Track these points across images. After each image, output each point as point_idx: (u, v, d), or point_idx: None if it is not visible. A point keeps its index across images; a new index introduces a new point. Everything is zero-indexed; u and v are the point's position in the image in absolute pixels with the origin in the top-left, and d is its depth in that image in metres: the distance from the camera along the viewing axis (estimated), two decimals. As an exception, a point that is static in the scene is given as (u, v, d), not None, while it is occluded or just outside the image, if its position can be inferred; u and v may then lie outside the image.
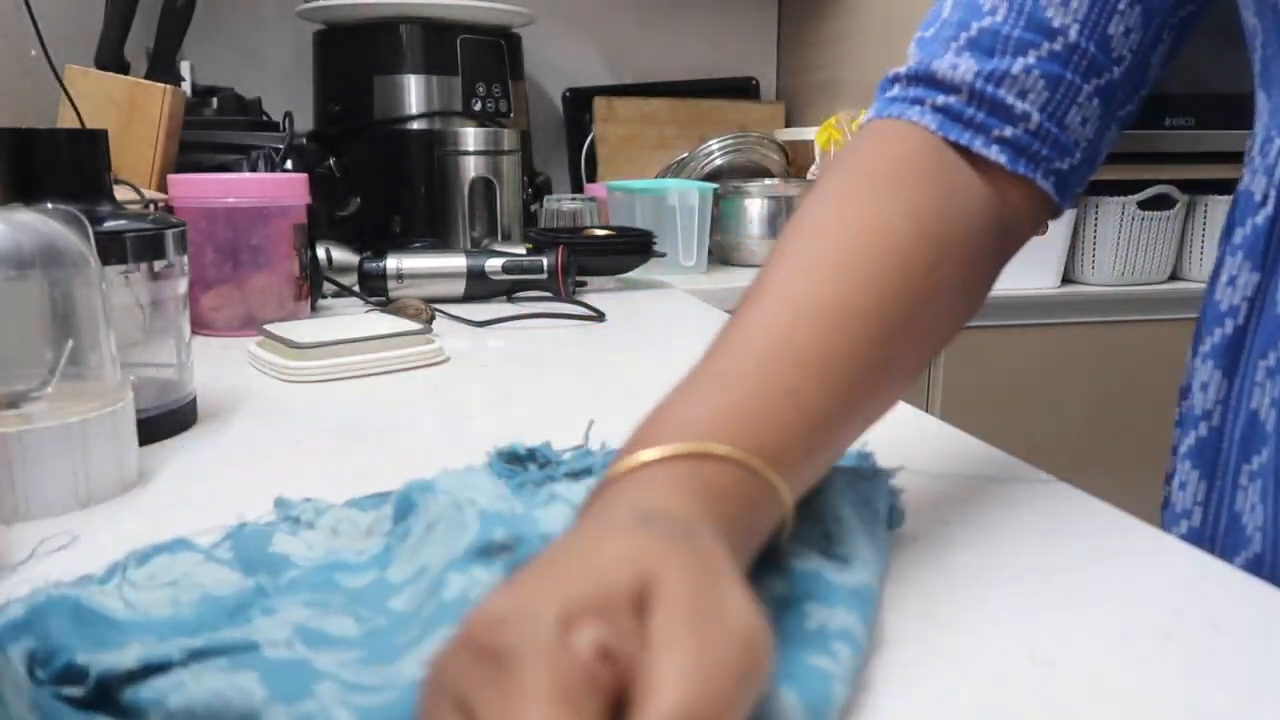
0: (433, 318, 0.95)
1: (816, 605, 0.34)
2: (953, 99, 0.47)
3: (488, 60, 1.48)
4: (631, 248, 1.21)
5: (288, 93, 1.62)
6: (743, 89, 1.90)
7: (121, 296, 0.59)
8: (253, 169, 1.18)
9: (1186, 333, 0.59)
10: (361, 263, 1.05)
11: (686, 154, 1.65)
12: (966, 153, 0.47)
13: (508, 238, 1.41)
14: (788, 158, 1.67)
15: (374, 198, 1.37)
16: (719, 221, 1.49)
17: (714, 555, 0.29)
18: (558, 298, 1.07)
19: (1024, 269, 1.43)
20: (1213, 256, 0.62)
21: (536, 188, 1.52)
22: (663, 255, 1.25)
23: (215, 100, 1.39)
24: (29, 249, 0.48)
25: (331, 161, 1.27)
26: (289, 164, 1.19)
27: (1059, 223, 1.45)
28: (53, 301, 0.49)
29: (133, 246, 0.58)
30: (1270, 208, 0.51)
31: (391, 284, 1.04)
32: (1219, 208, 1.42)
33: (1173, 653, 0.35)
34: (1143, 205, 1.39)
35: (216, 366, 0.78)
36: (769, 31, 1.94)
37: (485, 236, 1.40)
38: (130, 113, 1.13)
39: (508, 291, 1.08)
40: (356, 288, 1.06)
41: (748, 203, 1.49)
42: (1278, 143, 0.51)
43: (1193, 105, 1.36)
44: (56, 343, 0.49)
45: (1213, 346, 0.54)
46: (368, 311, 0.98)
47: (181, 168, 1.15)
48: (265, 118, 1.44)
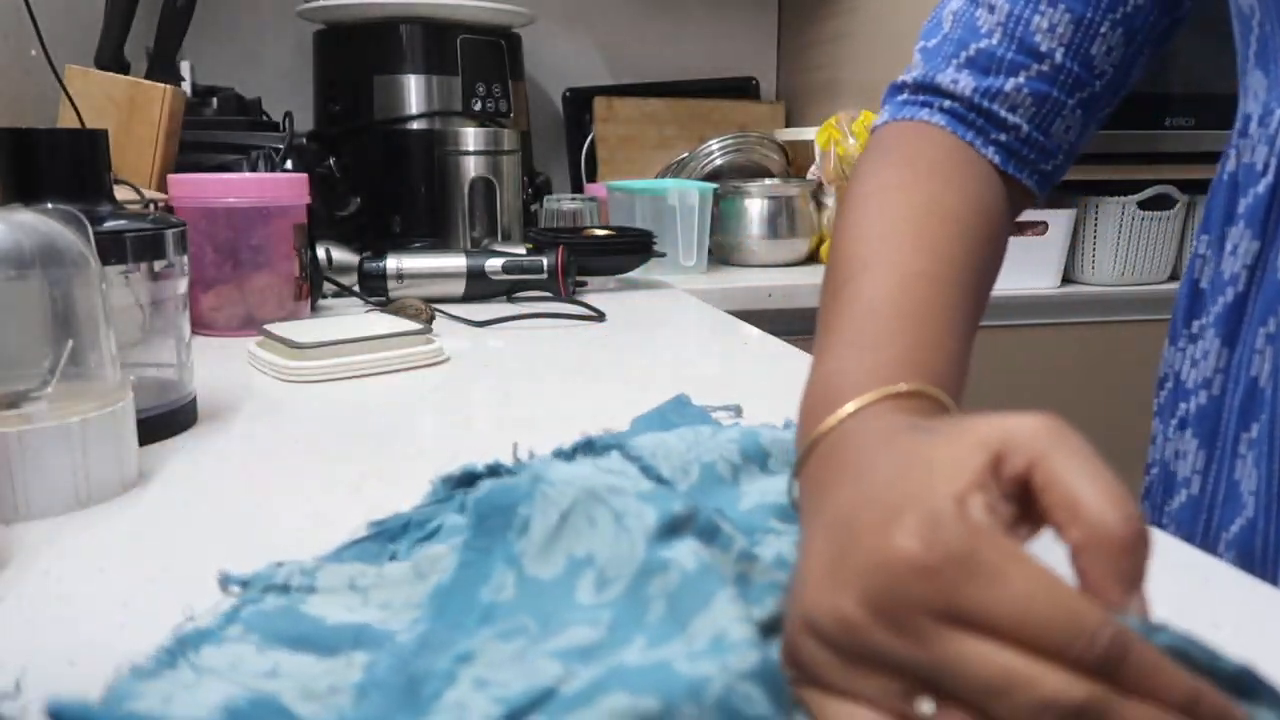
0: (433, 318, 0.95)
1: None
2: (957, 104, 0.55)
3: (488, 60, 1.49)
4: (631, 248, 1.21)
5: (288, 93, 1.62)
6: (743, 89, 1.90)
7: (121, 296, 0.59)
8: (253, 169, 1.18)
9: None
10: (361, 263, 1.05)
11: (686, 154, 1.65)
12: (972, 148, 0.54)
13: (508, 238, 1.41)
14: (788, 158, 1.67)
15: (374, 198, 1.37)
16: (719, 221, 1.49)
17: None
18: (558, 298, 1.07)
19: (1024, 269, 1.43)
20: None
21: (536, 188, 1.53)
22: (663, 255, 1.25)
23: (215, 100, 1.39)
24: (29, 249, 0.48)
25: (331, 161, 1.27)
26: (289, 164, 1.19)
27: (1059, 223, 1.45)
28: (53, 301, 0.49)
29: (133, 246, 0.58)
30: (1271, 176, 0.52)
31: (391, 284, 1.05)
32: (1219, 208, 1.42)
33: (1173, 653, 0.35)
34: (1143, 205, 1.39)
35: (216, 366, 0.78)
36: (769, 31, 1.95)
37: (485, 236, 1.40)
38: (130, 113, 1.13)
39: (508, 291, 1.08)
40: (356, 288, 1.07)
41: (748, 203, 1.49)
42: (1278, 114, 0.52)
43: (1193, 105, 1.36)
44: (56, 343, 0.49)
45: (1215, 316, 0.55)
46: (368, 311, 0.98)
47: (181, 168, 1.15)
48: (265, 118, 1.44)
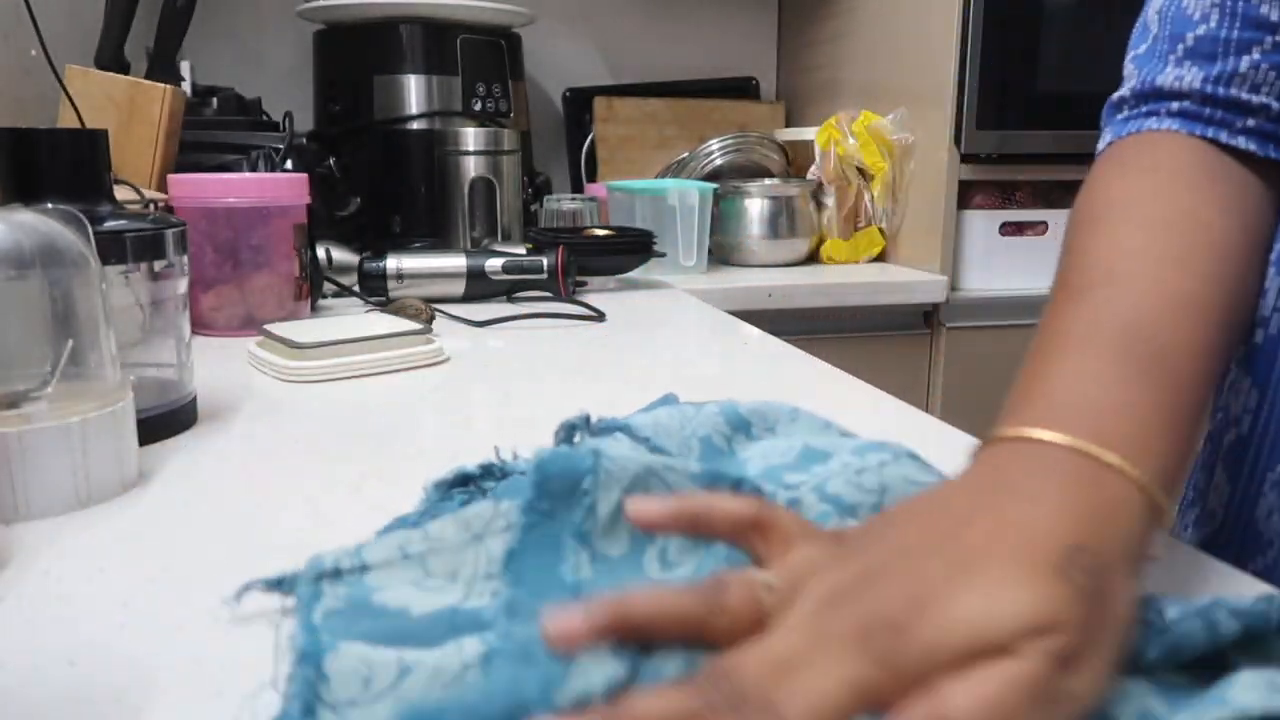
0: (433, 318, 0.95)
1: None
2: (1187, 102, 0.48)
3: (488, 60, 1.49)
4: (631, 248, 1.21)
5: (288, 93, 1.62)
6: (743, 89, 1.90)
7: (121, 296, 0.59)
8: (253, 169, 1.18)
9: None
10: (361, 263, 1.05)
11: (686, 154, 1.65)
12: (1216, 144, 0.48)
13: (508, 238, 1.41)
14: (788, 158, 1.67)
15: (374, 198, 1.37)
16: (719, 221, 1.49)
17: (1115, 617, 0.29)
18: (558, 298, 1.07)
19: (1024, 269, 1.43)
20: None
21: (536, 188, 1.53)
22: (663, 255, 1.25)
23: (215, 100, 1.39)
24: (29, 249, 0.48)
25: (331, 161, 1.27)
26: (289, 164, 1.19)
27: (1059, 223, 1.45)
28: (53, 301, 0.49)
29: (133, 246, 0.58)
30: None
31: (391, 284, 1.04)
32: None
33: (1173, 653, 0.35)
34: (1143, 205, 1.39)
35: (216, 366, 0.78)
36: (769, 31, 1.94)
37: (485, 236, 1.40)
38: (130, 113, 1.13)
39: (508, 291, 1.08)
40: (356, 288, 1.07)
41: (748, 203, 1.49)
42: None
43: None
44: (56, 343, 0.49)
45: (1243, 354, 0.53)
46: (368, 311, 0.98)
47: (181, 168, 1.15)
48: (265, 118, 1.44)
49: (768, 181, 1.55)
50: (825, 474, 0.41)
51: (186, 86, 1.37)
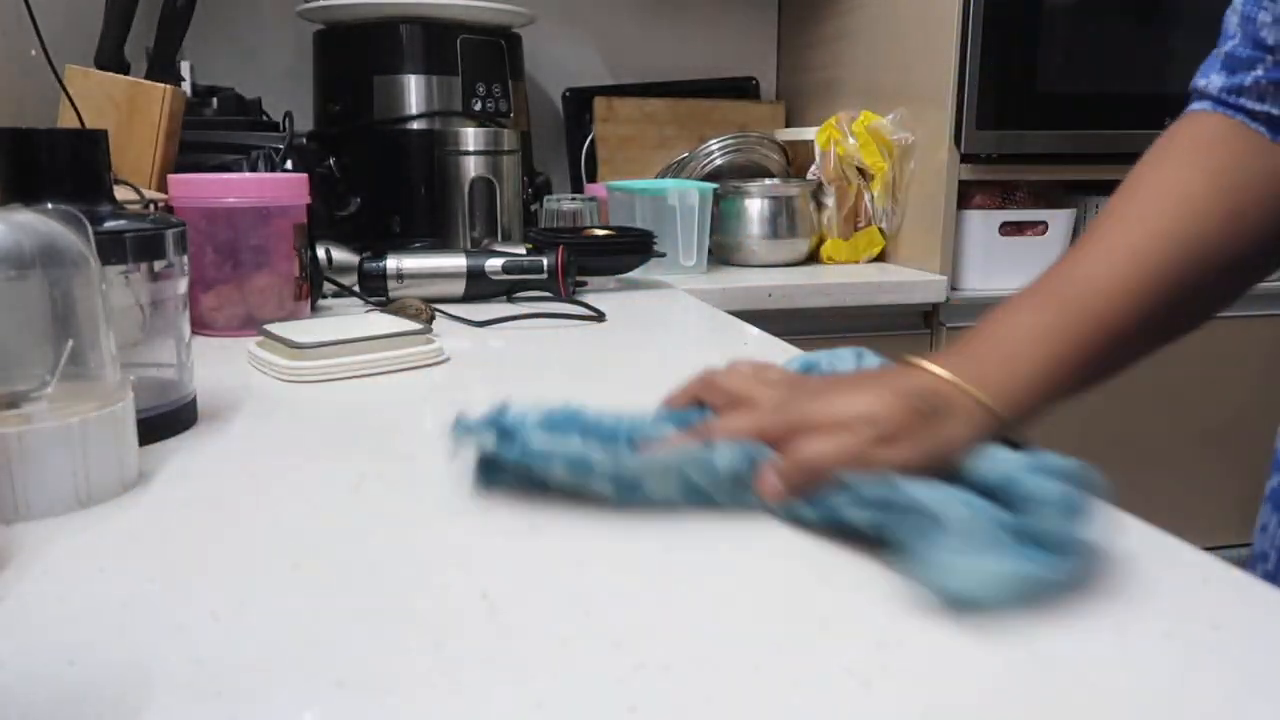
0: (433, 318, 0.95)
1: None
2: (1211, 100, 0.58)
3: (488, 60, 1.49)
4: (631, 248, 1.21)
5: (288, 93, 1.62)
6: (743, 89, 1.90)
7: (121, 296, 0.59)
8: (253, 169, 1.18)
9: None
10: (361, 263, 1.05)
11: (686, 154, 1.65)
12: (1244, 128, 0.56)
13: (508, 238, 1.41)
14: (788, 158, 1.67)
15: (374, 198, 1.37)
16: (719, 221, 1.49)
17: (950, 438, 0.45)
18: (558, 298, 1.07)
19: (1024, 269, 1.42)
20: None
21: (536, 188, 1.52)
22: (663, 255, 1.25)
23: (215, 100, 1.39)
24: (29, 249, 0.48)
25: (331, 161, 1.27)
26: (289, 164, 1.19)
27: (1059, 223, 1.45)
28: (53, 301, 0.49)
29: (133, 246, 0.58)
30: None
31: (391, 284, 1.05)
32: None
33: (1173, 653, 0.35)
34: (1143, 205, 1.39)
35: (216, 366, 0.78)
36: (769, 31, 1.95)
37: (485, 236, 1.40)
38: (130, 113, 1.13)
39: (508, 291, 1.08)
40: (356, 288, 1.07)
41: (748, 203, 1.49)
42: None
43: (1193, 105, 1.36)
44: (56, 343, 0.49)
45: None
46: (368, 311, 0.98)
47: (181, 168, 1.15)
48: (265, 118, 1.44)
49: (768, 181, 1.55)
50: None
51: (186, 86, 1.37)
